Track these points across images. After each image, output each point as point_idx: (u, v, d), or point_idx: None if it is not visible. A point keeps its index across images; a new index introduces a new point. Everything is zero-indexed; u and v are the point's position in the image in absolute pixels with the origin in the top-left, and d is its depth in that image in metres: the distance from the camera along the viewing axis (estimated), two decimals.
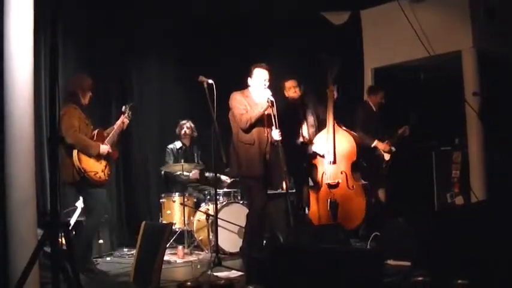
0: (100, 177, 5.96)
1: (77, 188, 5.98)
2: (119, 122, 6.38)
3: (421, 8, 7.99)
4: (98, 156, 5.99)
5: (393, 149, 7.48)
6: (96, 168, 5.94)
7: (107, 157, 6.11)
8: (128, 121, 6.47)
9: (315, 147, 7.19)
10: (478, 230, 4.30)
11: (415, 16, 7.93)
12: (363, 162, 7.34)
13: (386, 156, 7.45)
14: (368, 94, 7.87)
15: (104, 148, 6.07)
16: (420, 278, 3.80)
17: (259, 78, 6.15)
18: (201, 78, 5.88)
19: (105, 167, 6.07)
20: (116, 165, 8.25)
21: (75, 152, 5.76)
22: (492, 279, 3.85)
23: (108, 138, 6.17)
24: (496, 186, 7.38)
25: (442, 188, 8.19)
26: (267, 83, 6.13)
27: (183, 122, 8.18)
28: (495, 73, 7.57)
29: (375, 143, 7.43)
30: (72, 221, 6.50)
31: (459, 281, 3.51)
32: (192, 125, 8.18)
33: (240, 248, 6.24)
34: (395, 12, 7.99)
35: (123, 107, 6.52)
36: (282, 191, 7.23)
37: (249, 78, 6.22)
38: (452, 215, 5.15)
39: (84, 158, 5.84)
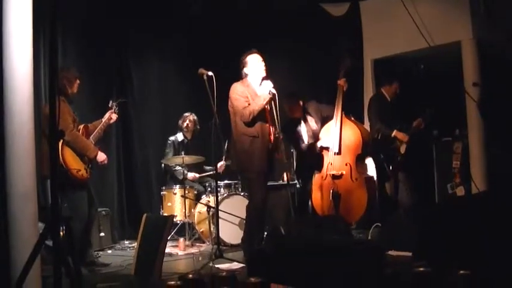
0: (82, 175, 5.84)
1: None
2: (106, 116, 6.29)
3: None
4: (93, 158, 5.97)
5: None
6: (79, 166, 5.83)
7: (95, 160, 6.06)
8: (116, 116, 6.40)
9: (320, 142, 7.20)
10: (479, 220, 4.31)
11: (415, 7, 7.92)
12: (381, 154, 7.30)
13: (402, 149, 7.34)
14: (383, 85, 7.72)
15: (102, 156, 6.05)
16: (421, 269, 3.81)
17: (255, 64, 6.10)
18: (201, 70, 5.87)
19: (88, 165, 5.97)
20: (117, 158, 8.27)
21: (59, 146, 5.57)
22: (493, 270, 3.85)
23: (94, 133, 6.10)
24: (496, 176, 7.38)
25: (443, 178, 8.19)
26: (264, 67, 6.10)
27: (187, 114, 8.15)
28: (495, 63, 7.56)
29: (394, 132, 7.26)
30: None
31: (460, 272, 3.51)
32: (195, 118, 8.15)
33: (242, 240, 6.25)
34: (395, 3, 7.98)
35: (110, 102, 6.44)
36: (283, 183, 7.25)
37: (244, 69, 6.13)
38: (453, 205, 5.16)
39: (68, 154, 5.74)
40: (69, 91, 5.92)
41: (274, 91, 5.94)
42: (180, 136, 8.13)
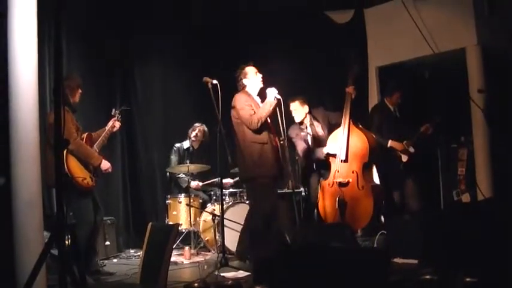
0: (88, 183, 5.85)
1: None
2: (109, 124, 6.32)
3: (424, 5, 7.97)
4: (97, 166, 5.98)
5: (411, 150, 7.26)
6: (84, 174, 5.85)
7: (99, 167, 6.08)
8: (120, 124, 6.43)
9: (327, 149, 7.18)
10: (484, 227, 4.29)
11: (419, 14, 7.91)
12: (382, 164, 7.27)
13: (404, 158, 7.31)
14: (385, 95, 7.68)
15: (106, 164, 6.06)
16: (427, 276, 3.80)
17: (255, 75, 6.30)
18: (206, 78, 5.90)
19: (93, 173, 5.98)
20: (122, 166, 8.27)
21: (63, 154, 5.58)
22: (500, 276, 3.83)
23: (98, 141, 6.13)
24: (502, 183, 7.35)
25: (448, 185, 8.16)
26: (261, 78, 6.30)
27: (197, 124, 8.17)
28: (500, 70, 7.54)
29: (390, 143, 7.29)
30: None
31: (467, 279, 3.50)
32: (206, 129, 8.15)
33: (238, 248, 6.29)
34: (399, 10, 7.96)
35: (113, 110, 6.47)
36: (288, 191, 7.24)
37: (243, 80, 6.31)
38: (459, 212, 5.14)
39: (72, 162, 5.75)
40: (72, 100, 5.93)
41: (279, 97, 6.05)
42: (186, 144, 8.15)
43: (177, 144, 8.15)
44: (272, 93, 6.09)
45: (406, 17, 7.85)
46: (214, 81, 5.86)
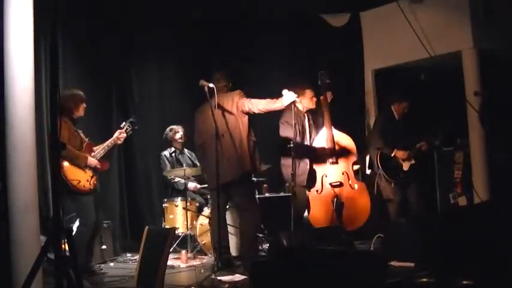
0: (84, 186, 5.97)
1: None
2: (115, 135, 6.44)
3: (420, 8, 7.99)
4: (84, 166, 6.03)
5: (413, 161, 7.28)
6: (80, 177, 5.96)
7: (93, 168, 6.15)
8: (126, 136, 6.52)
9: (317, 144, 7.12)
10: (481, 230, 4.30)
11: (415, 17, 7.92)
12: (383, 172, 7.27)
13: (405, 166, 7.30)
14: (392, 103, 7.58)
15: (92, 161, 6.12)
16: (424, 279, 3.80)
17: None
18: (202, 82, 5.91)
19: (91, 177, 6.09)
20: (119, 170, 8.25)
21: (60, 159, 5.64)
22: (496, 279, 3.84)
23: (97, 150, 6.24)
24: (498, 186, 7.36)
25: (444, 188, 8.17)
26: None
27: (175, 126, 8.19)
28: (496, 73, 7.56)
29: (394, 152, 7.27)
30: (75, 227, 6.48)
31: (463, 282, 3.50)
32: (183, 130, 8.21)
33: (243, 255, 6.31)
34: (395, 14, 7.97)
35: (123, 123, 6.58)
36: (286, 194, 7.23)
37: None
38: (455, 215, 5.15)
39: (65, 166, 5.86)
40: (76, 114, 6.09)
41: (297, 99, 6.22)
42: (171, 149, 8.15)
43: (164, 152, 8.15)
44: (290, 97, 6.01)
45: (402, 20, 7.86)
46: (211, 85, 5.87)
